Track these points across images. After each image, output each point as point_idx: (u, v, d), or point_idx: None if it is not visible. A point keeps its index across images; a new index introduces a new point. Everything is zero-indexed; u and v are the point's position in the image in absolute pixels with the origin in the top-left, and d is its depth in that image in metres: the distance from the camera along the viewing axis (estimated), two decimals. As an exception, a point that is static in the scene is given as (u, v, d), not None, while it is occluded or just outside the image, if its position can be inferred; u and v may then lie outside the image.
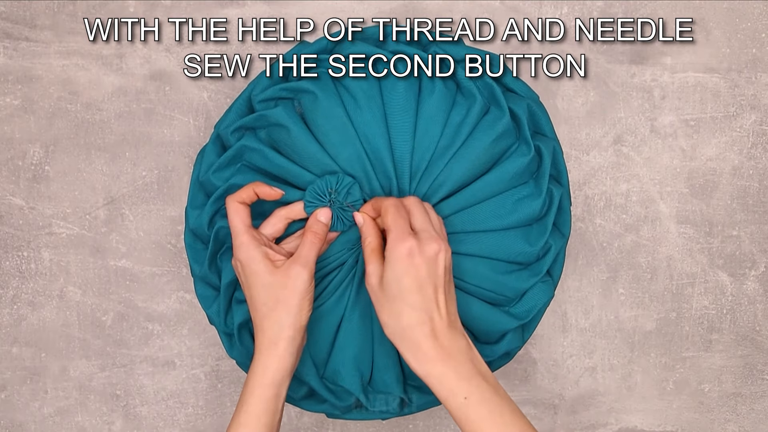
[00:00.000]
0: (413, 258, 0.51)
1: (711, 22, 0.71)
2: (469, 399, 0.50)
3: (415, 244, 0.51)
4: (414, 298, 0.51)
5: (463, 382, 0.51)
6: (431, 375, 0.51)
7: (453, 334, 0.52)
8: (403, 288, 0.51)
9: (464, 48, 0.61)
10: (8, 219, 0.70)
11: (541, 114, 0.62)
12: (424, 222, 0.54)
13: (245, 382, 0.55)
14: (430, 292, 0.52)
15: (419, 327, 0.51)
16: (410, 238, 0.51)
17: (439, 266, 0.52)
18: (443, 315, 0.52)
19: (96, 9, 0.69)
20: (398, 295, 0.52)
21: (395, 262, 0.51)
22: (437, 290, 0.52)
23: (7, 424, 0.72)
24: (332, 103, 0.58)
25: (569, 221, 0.63)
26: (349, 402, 0.62)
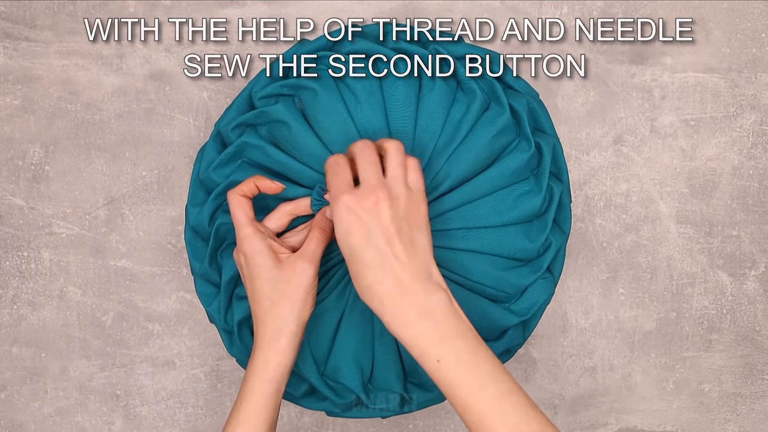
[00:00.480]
0: (352, 213, 0.48)
1: (711, 22, 0.71)
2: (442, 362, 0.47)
3: (350, 199, 0.48)
4: (364, 254, 0.48)
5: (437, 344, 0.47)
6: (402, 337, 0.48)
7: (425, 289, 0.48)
8: (353, 247, 0.48)
9: (464, 47, 0.61)
10: (8, 219, 0.70)
11: (541, 111, 0.62)
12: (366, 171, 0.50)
13: (244, 377, 0.54)
14: (381, 244, 0.47)
15: (379, 285, 0.48)
16: (344, 194, 0.48)
17: (382, 215, 0.48)
18: (407, 268, 0.48)
19: (96, 9, 0.69)
20: (352, 255, 0.48)
21: (338, 223, 0.48)
22: (390, 241, 0.48)
23: (7, 424, 0.72)
24: (333, 100, 0.58)
25: (569, 218, 0.63)
26: (350, 399, 0.62)
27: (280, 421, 0.73)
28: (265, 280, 0.53)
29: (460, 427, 0.74)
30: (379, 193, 0.48)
